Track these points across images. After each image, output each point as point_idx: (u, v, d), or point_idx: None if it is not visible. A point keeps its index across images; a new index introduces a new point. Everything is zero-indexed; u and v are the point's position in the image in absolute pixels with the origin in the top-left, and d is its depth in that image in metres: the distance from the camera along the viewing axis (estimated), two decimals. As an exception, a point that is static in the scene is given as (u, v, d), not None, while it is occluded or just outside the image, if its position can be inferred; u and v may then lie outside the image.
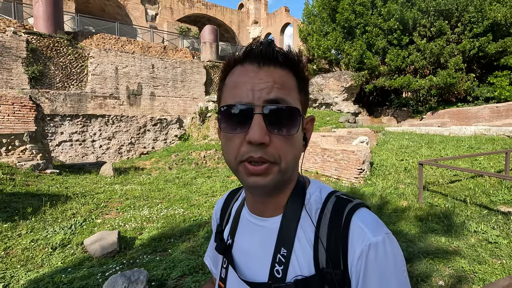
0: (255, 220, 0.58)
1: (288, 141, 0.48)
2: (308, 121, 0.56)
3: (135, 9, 21.71)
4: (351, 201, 0.53)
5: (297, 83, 0.51)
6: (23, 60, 10.18)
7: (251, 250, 0.57)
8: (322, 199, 0.55)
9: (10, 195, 5.33)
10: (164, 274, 2.71)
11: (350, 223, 0.49)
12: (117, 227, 4.26)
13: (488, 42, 13.40)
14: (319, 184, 0.59)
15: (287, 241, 0.52)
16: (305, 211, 0.54)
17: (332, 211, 0.52)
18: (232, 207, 0.68)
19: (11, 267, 3.15)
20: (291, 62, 0.50)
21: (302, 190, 0.56)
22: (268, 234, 0.55)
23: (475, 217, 3.56)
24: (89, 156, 11.79)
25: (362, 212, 0.51)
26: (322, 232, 0.51)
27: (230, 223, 0.65)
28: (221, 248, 0.61)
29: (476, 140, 7.78)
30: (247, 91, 0.47)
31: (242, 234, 0.60)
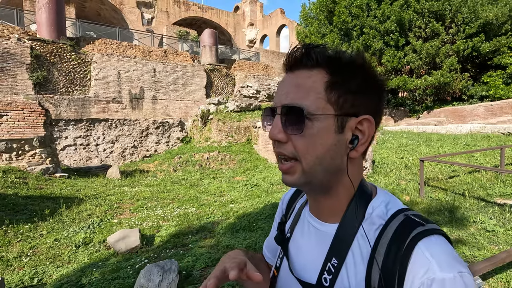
0: (313, 221, 0.58)
1: (304, 140, 0.49)
2: (360, 121, 0.51)
3: (131, 12, 21.87)
4: (423, 225, 0.47)
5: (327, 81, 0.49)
6: (27, 66, 10.32)
7: (305, 249, 0.58)
8: (387, 215, 0.50)
9: (25, 198, 5.49)
10: (189, 266, 2.92)
11: (413, 249, 0.44)
12: (135, 226, 4.45)
13: (481, 42, 13.79)
14: (387, 197, 0.55)
15: (339, 252, 0.51)
16: (365, 225, 0.51)
17: (396, 230, 0.47)
18: (297, 202, 0.70)
19: (40, 264, 3.34)
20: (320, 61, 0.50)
21: (364, 201, 0.53)
22: (322, 238, 0.55)
23: (473, 209, 3.81)
24: (93, 160, 11.93)
25: (433, 241, 0.45)
26: (380, 251, 0.47)
27: (293, 217, 0.67)
28: (279, 239, 0.64)
29: (472, 138, 8.07)
30: (276, 96, 0.54)
31: (299, 231, 0.61)
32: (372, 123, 0.52)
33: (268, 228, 3.89)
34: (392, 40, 14.94)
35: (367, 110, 0.51)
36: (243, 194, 6.29)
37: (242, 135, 12.20)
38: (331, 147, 0.49)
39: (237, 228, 4.07)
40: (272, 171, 8.40)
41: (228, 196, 6.14)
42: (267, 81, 15.93)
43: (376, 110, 0.52)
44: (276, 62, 22.56)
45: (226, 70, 15.97)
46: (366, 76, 0.51)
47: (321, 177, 0.51)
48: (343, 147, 0.50)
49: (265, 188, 6.66)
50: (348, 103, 0.50)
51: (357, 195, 0.53)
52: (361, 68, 0.51)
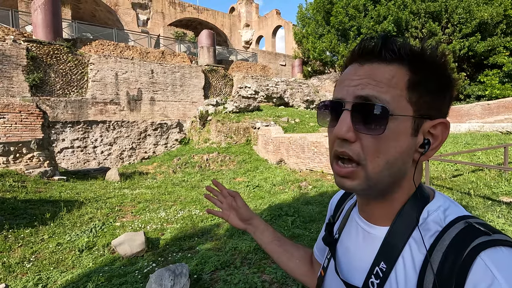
0: (362, 223, 0.56)
1: (378, 142, 0.44)
2: (435, 125, 0.47)
3: (126, 14, 21.73)
4: (489, 234, 0.41)
5: (409, 78, 0.45)
6: (23, 68, 10.18)
7: (353, 251, 0.56)
8: (445, 222, 0.46)
9: (24, 202, 5.39)
10: (198, 269, 2.86)
11: (475, 259, 0.39)
12: (138, 229, 4.38)
13: (477, 41, 13.93)
14: (446, 202, 0.50)
15: (389, 256, 0.48)
16: (417, 230, 0.47)
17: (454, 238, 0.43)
18: (346, 204, 0.68)
19: (44, 269, 3.26)
20: (402, 56, 0.45)
21: (420, 204, 0.49)
22: (371, 241, 0.53)
23: (480, 208, 3.81)
24: (90, 162, 11.79)
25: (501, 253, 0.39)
26: (435, 258, 0.43)
27: (341, 219, 0.66)
28: (327, 240, 0.63)
29: (471, 137, 8.12)
30: (342, 88, 0.48)
31: (348, 233, 0.60)
32: (447, 127, 0.48)
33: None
34: (389, 40, 15.02)
35: (440, 112, 0.48)
36: (246, 195, 6.24)
37: (241, 136, 12.16)
38: (405, 151, 0.46)
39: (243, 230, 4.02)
40: (273, 171, 8.37)
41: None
42: (265, 82, 15.92)
43: (447, 112, 0.49)
44: (273, 63, 22.57)
45: (224, 71, 15.92)
46: (444, 75, 0.47)
47: (385, 183, 0.47)
48: (414, 151, 0.47)
49: (267, 189, 6.62)
50: (426, 104, 0.46)
51: (411, 198, 0.50)
52: (441, 67, 0.47)
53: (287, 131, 11.38)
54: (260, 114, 13.19)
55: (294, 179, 7.14)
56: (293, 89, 16.20)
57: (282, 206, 4.84)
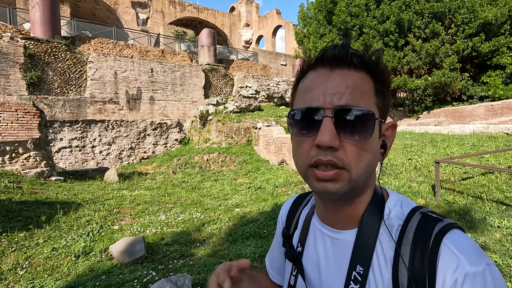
0: (327, 231, 0.55)
1: (360, 147, 0.45)
2: (388, 127, 0.52)
3: (126, 13, 21.58)
4: (441, 220, 0.47)
5: (374, 86, 0.48)
6: (20, 66, 9.99)
7: (323, 262, 0.55)
8: (404, 215, 0.50)
9: (19, 204, 5.22)
10: (201, 279, 2.70)
11: (440, 246, 0.44)
12: (137, 233, 4.22)
13: (480, 42, 13.79)
14: (399, 197, 0.54)
15: (363, 258, 0.49)
16: (384, 227, 0.49)
17: (417, 229, 0.47)
18: (301, 212, 0.66)
19: (37, 277, 3.09)
20: (367, 64, 0.47)
21: (380, 203, 0.52)
22: (341, 247, 0.52)
23: (494, 213, 3.66)
24: (89, 162, 11.61)
25: (456, 235, 0.45)
26: (404, 252, 0.46)
27: (300, 229, 0.63)
28: (290, 255, 0.60)
29: (477, 138, 7.97)
30: (318, 95, 0.46)
31: (313, 244, 0.58)
32: (395, 128, 0.54)
33: (280, 235, 3.69)
34: (391, 41, 14.88)
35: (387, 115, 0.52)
36: (248, 197, 6.08)
37: (242, 136, 11.99)
38: (377, 153, 0.49)
39: (247, 235, 3.86)
40: (275, 173, 8.21)
41: (232, 200, 5.93)
42: (266, 82, 15.75)
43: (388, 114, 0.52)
44: (274, 62, 22.41)
45: (225, 70, 15.75)
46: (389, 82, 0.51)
47: (361, 184, 0.49)
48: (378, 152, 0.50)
49: (270, 191, 6.46)
50: (383, 108, 0.50)
51: (373, 198, 0.52)
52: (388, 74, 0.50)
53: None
54: (261, 114, 13.03)
55: (297, 180, 6.98)
56: (294, 89, 16.03)
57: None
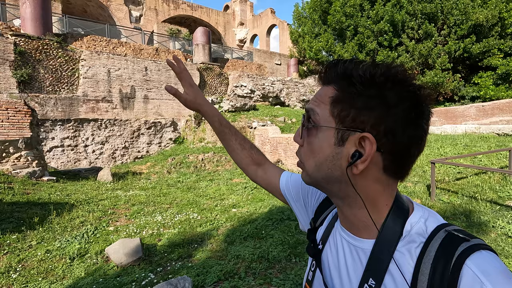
0: (345, 235, 0.56)
1: (308, 146, 0.53)
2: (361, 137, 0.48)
3: (119, 10, 21.28)
4: (467, 240, 0.44)
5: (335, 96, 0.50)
6: (10, 63, 9.76)
7: (340, 265, 0.56)
8: (428, 232, 0.48)
9: (11, 205, 5.10)
10: (200, 281, 2.67)
11: (462, 267, 0.41)
12: (133, 234, 4.16)
13: (472, 43, 14.02)
14: (424, 212, 0.52)
15: (377, 272, 0.49)
16: (404, 243, 0.49)
17: (439, 248, 0.45)
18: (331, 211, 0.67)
19: (31, 280, 3.02)
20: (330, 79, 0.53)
21: (402, 216, 0.51)
22: (358, 255, 0.53)
23: (489, 213, 3.72)
24: (81, 162, 11.43)
25: (482, 257, 0.42)
26: (423, 271, 0.45)
27: (324, 227, 0.64)
28: (312, 251, 0.61)
29: (469, 138, 8.10)
30: None
31: (333, 245, 0.59)
32: (371, 142, 0.48)
33: (278, 236, 3.68)
34: (385, 41, 15.01)
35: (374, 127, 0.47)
36: (244, 197, 6.06)
37: (237, 136, 11.94)
38: (328, 157, 0.51)
39: (245, 235, 3.84)
40: (271, 172, 8.20)
41: (229, 200, 5.90)
42: (261, 81, 15.73)
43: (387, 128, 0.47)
44: (268, 62, 22.39)
45: (219, 70, 15.67)
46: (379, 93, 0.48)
47: (324, 184, 0.53)
48: (343, 160, 0.50)
49: (266, 191, 6.45)
50: (349, 118, 0.49)
51: (392, 211, 0.51)
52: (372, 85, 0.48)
53: (284, 131, 11.22)
54: (256, 113, 13.00)
55: (293, 180, 6.99)
56: (289, 88, 16.06)
57: (284, 209, 4.68)
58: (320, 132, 0.51)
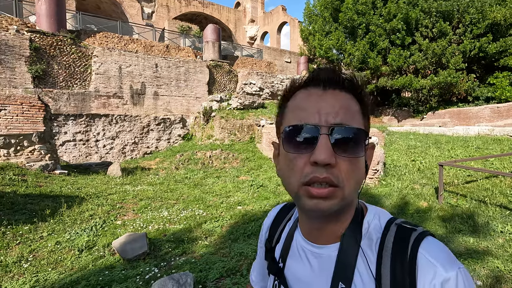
0: (309, 247, 0.56)
1: (353, 164, 0.47)
2: (369, 148, 0.53)
3: (131, 6, 21.52)
4: (415, 230, 0.50)
5: (360, 108, 0.51)
6: (26, 59, 10.03)
7: (306, 278, 0.55)
8: (382, 227, 0.52)
9: (24, 197, 5.27)
10: (202, 277, 2.72)
11: (417, 256, 0.46)
12: (140, 228, 4.25)
13: (488, 42, 13.62)
14: (376, 210, 0.56)
15: (345, 275, 0.50)
16: (364, 241, 0.51)
17: (395, 241, 0.49)
18: (285, 226, 0.66)
19: (42, 270, 3.13)
20: (355, 87, 0.51)
21: (360, 218, 0.54)
22: (324, 262, 0.53)
23: (498, 218, 3.64)
24: (92, 156, 11.69)
25: (430, 243, 0.48)
26: (385, 265, 0.48)
27: (282, 243, 0.63)
28: (273, 269, 0.60)
29: (482, 141, 7.91)
30: (313, 113, 0.47)
31: (295, 260, 0.58)
32: (374, 148, 0.55)
33: (281, 234, 3.70)
34: (398, 39, 14.74)
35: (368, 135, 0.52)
36: (250, 195, 6.10)
37: (245, 133, 11.99)
38: (363, 172, 0.50)
39: (249, 233, 3.88)
40: (277, 171, 8.20)
41: (234, 197, 5.95)
42: (271, 79, 15.70)
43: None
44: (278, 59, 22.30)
45: (229, 67, 15.71)
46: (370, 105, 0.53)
47: (349, 202, 0.51)
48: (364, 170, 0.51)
49: (272, 189, 6.48)
50: (368, 129, 0.52)
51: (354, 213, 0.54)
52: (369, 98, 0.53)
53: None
54: (264, 111, 13.00)
55: (299, 179, 6.98)
56: (299, 86, 15.96)
57: (288, 208, 4.69)
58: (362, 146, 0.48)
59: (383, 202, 4.60)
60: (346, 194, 0.47)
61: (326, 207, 0.46)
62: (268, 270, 0.62)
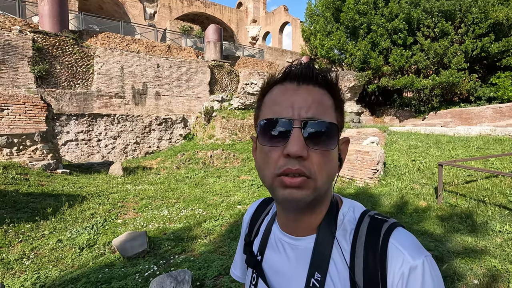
0: (286, 238, 0.57)
1: (325, 157, 0.48)
2: (343, 142, 0.57)
3: (134, 7, 21.63)
4: (386, 221, 0.52)
5: (333, 102, 0.52)
6: (29, 59, 10.12)
7: (283, 269, 0.56)
8: (356, 219, 0.55)
9: (26, 195, 5.32)
10: (201, 274, 2.75)
11: (387, 245, 0.49)
12: (140, 227, 4.29)
13: (490, 42, 13.57)
14: (351, 203, 0.59)
15: (321, 265, 0.51)
16: (339, 232, 0.53)
17: (368, 232, 0.51)
18: (263, 220, 0.67)
19: (43, 267, 3.17)
20: (329, 83, 0.52)
21: (335, 210, 0.56)
22: (301, 254, 0.55)
23: (496, 217, 3.64)
24: (94, 156, 11.76)
25: (399, 233, 0.50)
26: (358, 254, 0.50)
27: (260, 237, 0.64)
28: (251, 262, 0.61)
29: (483, 141, 7.89)
30: (287, 108, 0.49)
31: (272, 252, 0.59)
32: (348, 143, 0.59)
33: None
34: (400, 39, 14.71)
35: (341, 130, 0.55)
36: (250, 195, 6.12)
37: (246, 133, 12.02)
38: (335, 164, 0.52)
39: (248, 232, 3.90)
40: (278, 170, 8.21)
41: (234, 197, 5.97)
42: (272, 79, 15.70)
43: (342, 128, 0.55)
44: (280, 59, 22.31)
45: (230, 67, 15.75)
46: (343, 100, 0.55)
47: (322, 194, 0.51)
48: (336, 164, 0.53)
49: (272, 189, 6.49)
50: (341, 123, 0.54)
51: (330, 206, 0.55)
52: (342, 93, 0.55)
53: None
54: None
55: (299, 179, 7.00)
56: (300, 86, 15.96)
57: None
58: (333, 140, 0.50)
59: (383, 201, 4.61)
60: (318, 185, 0.48)
61: (300, 197, 0.47)
62: (247, 263, 0.63)
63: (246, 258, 0.63)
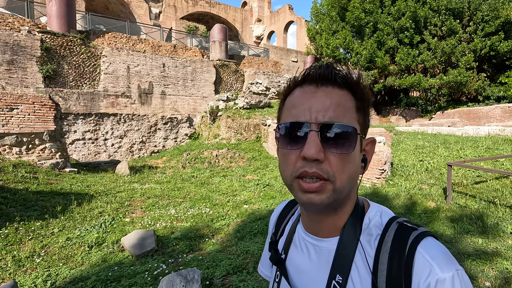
0: (310, 239, 0.58)
1: (343, 160, 0.48)
2: (368, 142, 0.56)
3: (139, 7, 21.74)
4: (416, 229, 0.51)
5: (355, 103, 0.51)
6: (37, 59, 10.24)
7: (306, 269, 0.57)
8: (383, 224, 0.53)
9: (36, 194, 5.40)
10: (209, 273, 2.76)
11: (414, 254, 0.47)
12: (148, 226, 4.32)
13: (499, 41, 13.36)
14: (379, 208, 0.58)
15: (343, 267, 0.51)
16: (364, 237, 0.53)
17: (394, 238, 0.50)
18: (289, 220, 0.69)
19: (53, 265, 3.22)
20: (350, 83, 0.51)
21: (361, 213, 0.55)
22: (323, 255, 0.55)
23: (507, 219, 3.59)
24: (101, 155, 11.87)
25: (428, 243, 0.49)
26: (382, 260, 0.49)
27: (285, 236, 0.66)
28: (275, 259, 0.62)
29: (492, 141, 7.78)
30: (304, 111, 0.49)
31: (296, 251, 0.60)
32: (375, 143, 0.57)
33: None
34: (406, 38, 14.56)
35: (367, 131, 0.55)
36: (256, 194, 6.12)
37: (251, 133, 12.02)
38: (358, 166, 0.52)
39: (255, 231, 3.90)
40: (284, 170, 8.20)
41: (241, 196, 5.98)
42: (277, 78, 15.69)
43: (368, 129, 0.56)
44: (285, 59, 22.25)
45: (235, 66, 15.75)
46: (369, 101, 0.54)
47: (344, 196, 0.51)
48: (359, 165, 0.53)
49: (278, 189, 6.49)
50: (364, 124, 0.53)
51: (354, 209, 0.55)
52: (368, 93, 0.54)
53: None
54: (271, 111, 13.01)
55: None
56: (305, 86, 15.91)
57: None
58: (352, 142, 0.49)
59: (390, 202, 4.57)
60: (337, 187, 0.48)
61: (318, 201, 0.48)
62: (270, 259, 0.64)
63: (270, 255, 0.64)
